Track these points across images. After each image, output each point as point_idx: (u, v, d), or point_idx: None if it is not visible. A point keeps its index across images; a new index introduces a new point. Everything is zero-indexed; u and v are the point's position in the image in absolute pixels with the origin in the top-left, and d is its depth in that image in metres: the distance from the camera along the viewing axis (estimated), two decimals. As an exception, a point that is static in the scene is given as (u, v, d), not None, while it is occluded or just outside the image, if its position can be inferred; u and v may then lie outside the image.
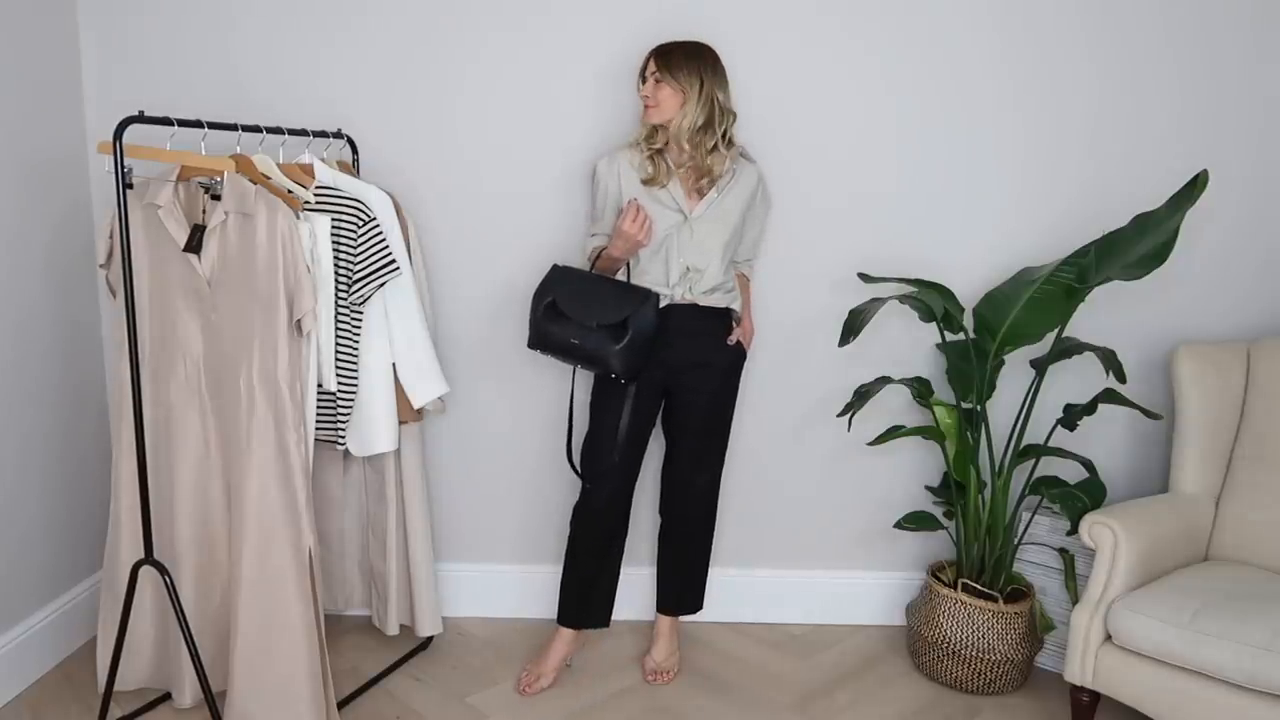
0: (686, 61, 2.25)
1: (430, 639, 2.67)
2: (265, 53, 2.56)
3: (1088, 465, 2.42)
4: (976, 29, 2.55)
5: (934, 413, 2.58)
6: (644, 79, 2.28)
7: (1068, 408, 2.47)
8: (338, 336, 2.20)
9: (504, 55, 2.57)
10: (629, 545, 2.55)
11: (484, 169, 2.63)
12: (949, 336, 2.56)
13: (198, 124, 2.06)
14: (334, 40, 2.56)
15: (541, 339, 2.30)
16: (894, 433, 2.55)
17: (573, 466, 2.42)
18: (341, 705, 2.34)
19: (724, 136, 2.29)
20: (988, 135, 2.60)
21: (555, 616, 2.53)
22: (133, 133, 1.94)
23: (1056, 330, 2.41)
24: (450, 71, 2.58)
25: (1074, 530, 2.31)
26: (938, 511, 2.69)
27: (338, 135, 2.49)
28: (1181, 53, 2.54)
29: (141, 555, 2.12)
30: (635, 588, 2.78)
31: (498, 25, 2.55)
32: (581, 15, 2.54)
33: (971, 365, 2.47)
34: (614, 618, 2.58)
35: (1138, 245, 2.24)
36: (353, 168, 2.52)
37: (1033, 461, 2.52)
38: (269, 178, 2.13)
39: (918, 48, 2.56)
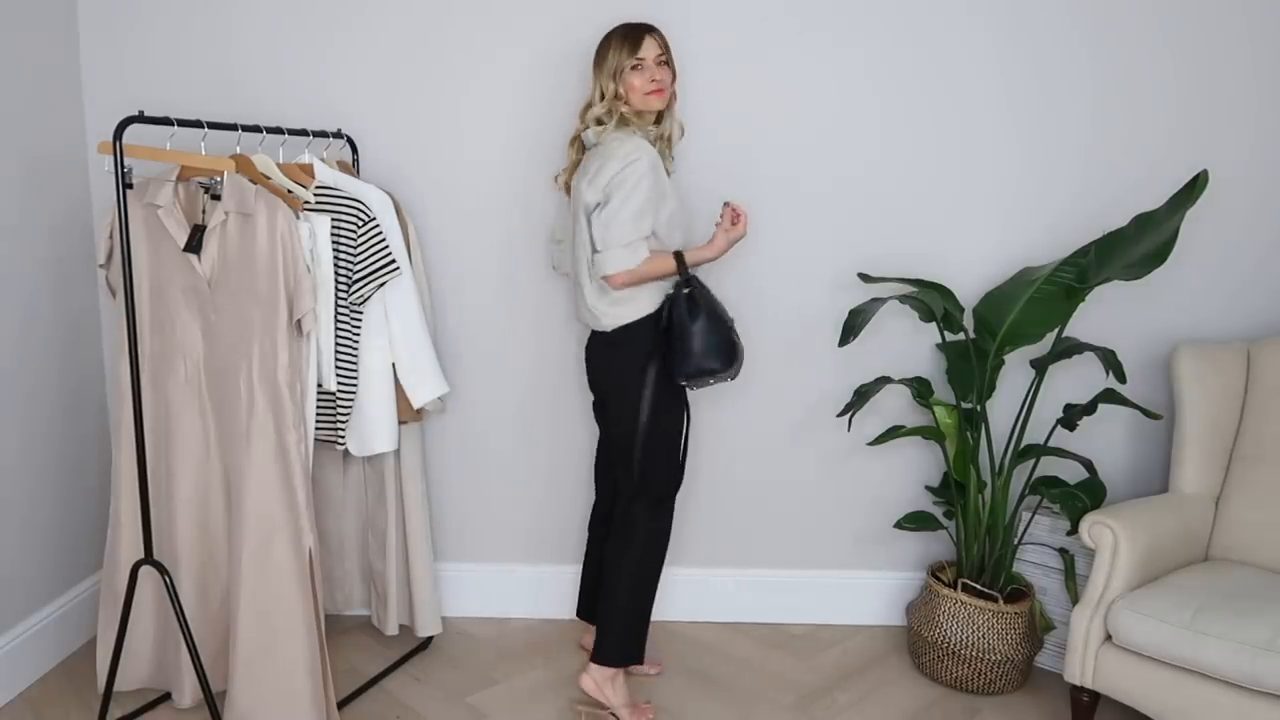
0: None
1: (430, 639, 2.67)
2: (265, 53, 2.56)
3: (1088, 465, 2.42)
4: (978, 29, 2.55)
5: (934, 413, 2.58)
6: (642, 65, 2.14)
7: (1068, 408, 2.47)
8: (338, 336, 2.20)
9: (505, 54, 2.57)
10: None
11: (485, 169, 2.63)
12: (949, 336, 2.56)
13: (198, 124, 2.06)
14: (334, 40, 2.56)
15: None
16: (894, 433, 2.55)
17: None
18: (341, 705, 2.34)
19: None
20: (988, 135, 2.60)
21: (555, 617, 2.49)
22: (133, 133, 1.94)
23: (1056, 330, 2.41)
24: (451, 71, 2.58)
25: (1074, 530, 2.31)
26: (938, 511, 2.69)
27: (338, 135, 2.50)
28: (1181, 52, 2.54)
29: (141, 555, 2.12)
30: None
31: (499, 24, 2.55)
32: (583, 16, 2.54)
33: (971, 365, 2.47)
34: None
35: (1138, 245, 2.24)
36: (353, 168, 2.52)
37: (1033, 461, 2.52)
38: (269, 178, 2.13)
39: (919, 47, 2.56)
